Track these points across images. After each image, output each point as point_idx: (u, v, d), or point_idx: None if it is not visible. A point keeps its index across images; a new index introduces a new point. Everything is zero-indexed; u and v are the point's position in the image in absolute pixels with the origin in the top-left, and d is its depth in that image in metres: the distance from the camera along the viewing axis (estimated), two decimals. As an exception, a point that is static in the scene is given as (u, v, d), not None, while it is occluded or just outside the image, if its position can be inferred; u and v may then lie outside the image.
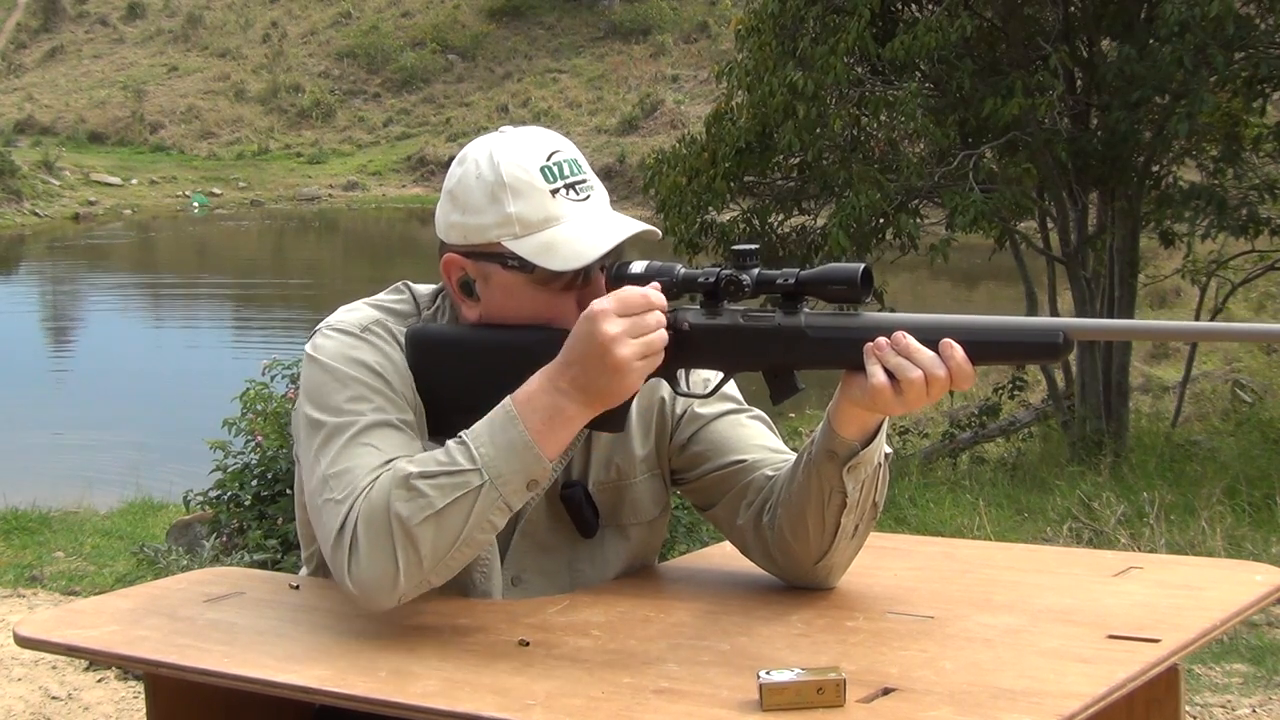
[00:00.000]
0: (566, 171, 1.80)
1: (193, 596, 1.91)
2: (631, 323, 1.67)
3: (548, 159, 1.80)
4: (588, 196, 1.81)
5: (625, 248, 1.79)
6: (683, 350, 1.74)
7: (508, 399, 1.71)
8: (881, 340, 1.63)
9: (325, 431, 1.76)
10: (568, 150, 1.82)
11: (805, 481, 1.77)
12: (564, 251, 1.76)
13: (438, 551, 1.66)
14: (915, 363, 1.62)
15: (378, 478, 1.69)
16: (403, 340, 1.84)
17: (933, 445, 9.43)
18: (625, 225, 1.79)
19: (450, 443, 1.70)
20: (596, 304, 1.67)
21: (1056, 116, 8.24)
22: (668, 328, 1.70)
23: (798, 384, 1.72)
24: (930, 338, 1.62)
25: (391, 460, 1.70)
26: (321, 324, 1.86)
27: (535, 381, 1.71)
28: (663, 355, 1.70)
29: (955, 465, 8.84)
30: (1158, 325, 1.81)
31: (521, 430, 1.68)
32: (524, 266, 1.78)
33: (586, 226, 1.78)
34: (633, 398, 1.74)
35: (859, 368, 1.65)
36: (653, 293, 1.69)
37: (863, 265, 1.64)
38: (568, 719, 1.45)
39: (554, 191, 1.78)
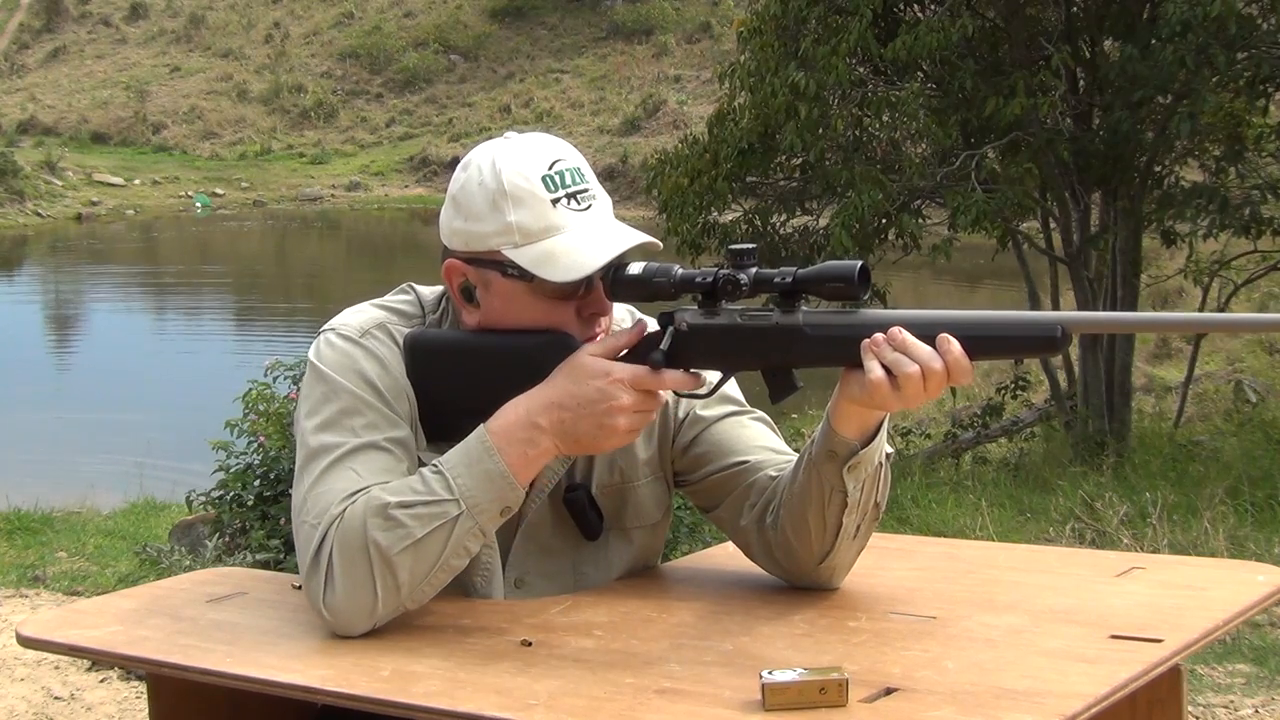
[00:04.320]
0: (568, 180, 1.80)
1: (195, 597, 1.92)
2: (641, 400, 1.72)
3: (549, 167, 1.79)
4: (589, 206, 1.80)
5: (625, 253, 1.79)
6: (681, 351, 1.74)
7: (482, 428, 1.74)
8: (878, 336, 1.63)
9: (311, 449, 1.77)
10: (571, 159, 1.82)
11: (806, 482, 1.77)
12: (563, 262, 1.76)
13: (415, 579, 1.69)
14: (912, 358, 1.62)
15: (347, 507, 1.70)
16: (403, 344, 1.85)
17: (935, 445, 9.43)
18: (625, 236, 1.79)
19: (425, 471, 1.72)
20: (619, 370, 1.72)
21: (1059, 116, 8.23)
22: (666, 328, 1.74)
23: (796, 382, 1.72)
24: (927, 333, 1.63)
25: (366, 488, 1.72)
26: (326, 326, 1.87)
27: (511, 412, 1.73)
28: (638, 435, 1.79)
29: (958, 465, 8.83)
30: (1153, 317, 1.82)
31: (499, 461, 1.71)
32: (523, 275, 1.78)
33: (586, 237, 1.77)
34: None
35: (857, 365, 1.65)
36: (673, 379, 1.74)
37: (859, 262, 1.64)
38: (570, 719, 1.45)
39: (555, 201, 1.78)
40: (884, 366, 1.63)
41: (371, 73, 35.70)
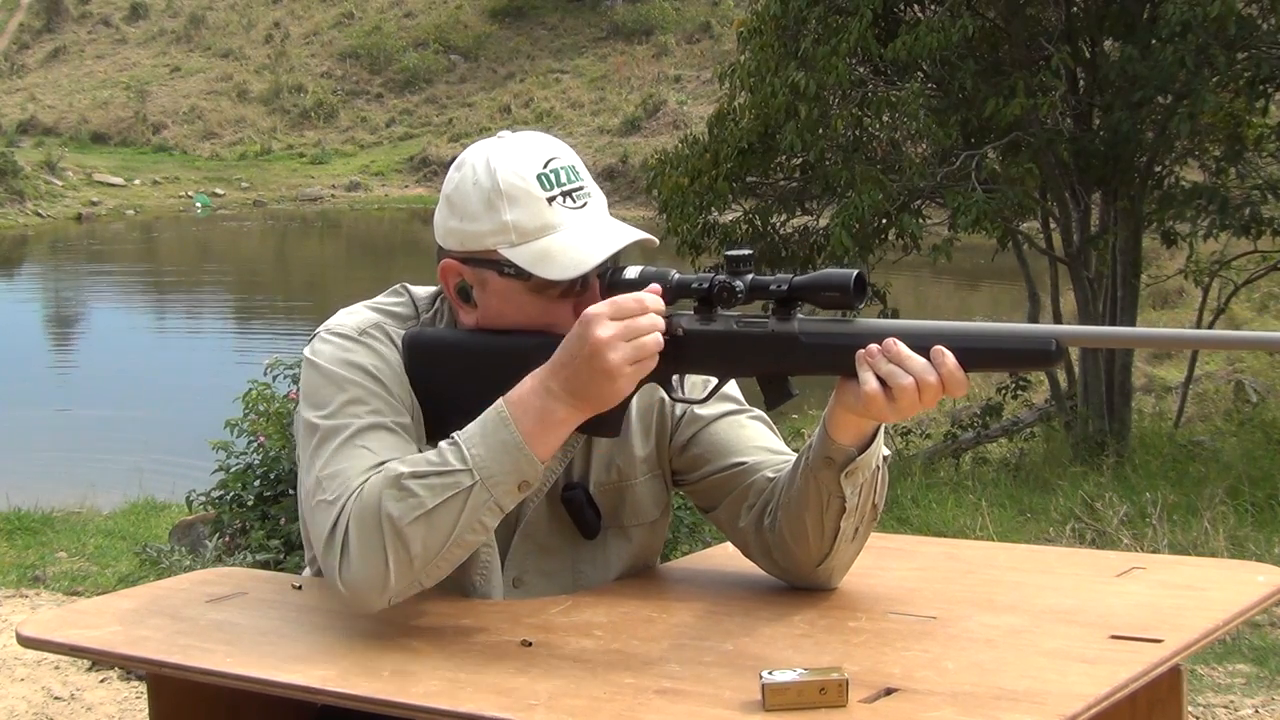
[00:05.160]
0: (564, 179, 1.80)
1: (195, 597, 1.91)
2: (625, 326, 1.67)
3: (545, 166, 1.79)
4: (585, 204, 1.80)
5: (622, 254, 1.79)
6: (676, 356, 1.74)
7: (500, 400, 1.71)
8: (873, 347, 1.63)
9: (320, 434, 1.76)
10: (565, 157, 1.82)
11: (804, 487, 1.77)
12: (560, 260, 1.76)
13: (428, 551, 1.67)
14: (907, 370, 1.62)
15: (369, 479, 1.69)
16: (400, 344, 1.84)
17: (935, 446, 9.42)
18: (622, 233, 1.79)
19: (442, 443, 1.71)
20: (591, 308, 1.68)
21: (1059, 117, 8.24)
22: (664, 332, 1.71)
23: (791, 390, 1.72)
24: (922, 344, 1.62)
25: (385, 461, 1.71)
26: (320, 327, 1.86)
27: (527, 383, 1.71)
28: (656, 359, 1.70)
29: (958, 466, 8.83)
30: (1152, 333, 1.81)
31: (514, 431, 1.68)
32: (520, 274, 1.78)
33: (583, 234, 1.77)
34: (628, 401, 1.75)
35: (853, 374, 1.65)
36: (649, 296, 1.70)
37: (855, 271, 1.64)
38: (570, 719, 1.45)
39: (551, 199, 1.78)
40: (879, 378, 1.63)
41: (371, 73, 35.68)
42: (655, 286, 1.71)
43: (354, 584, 1.67)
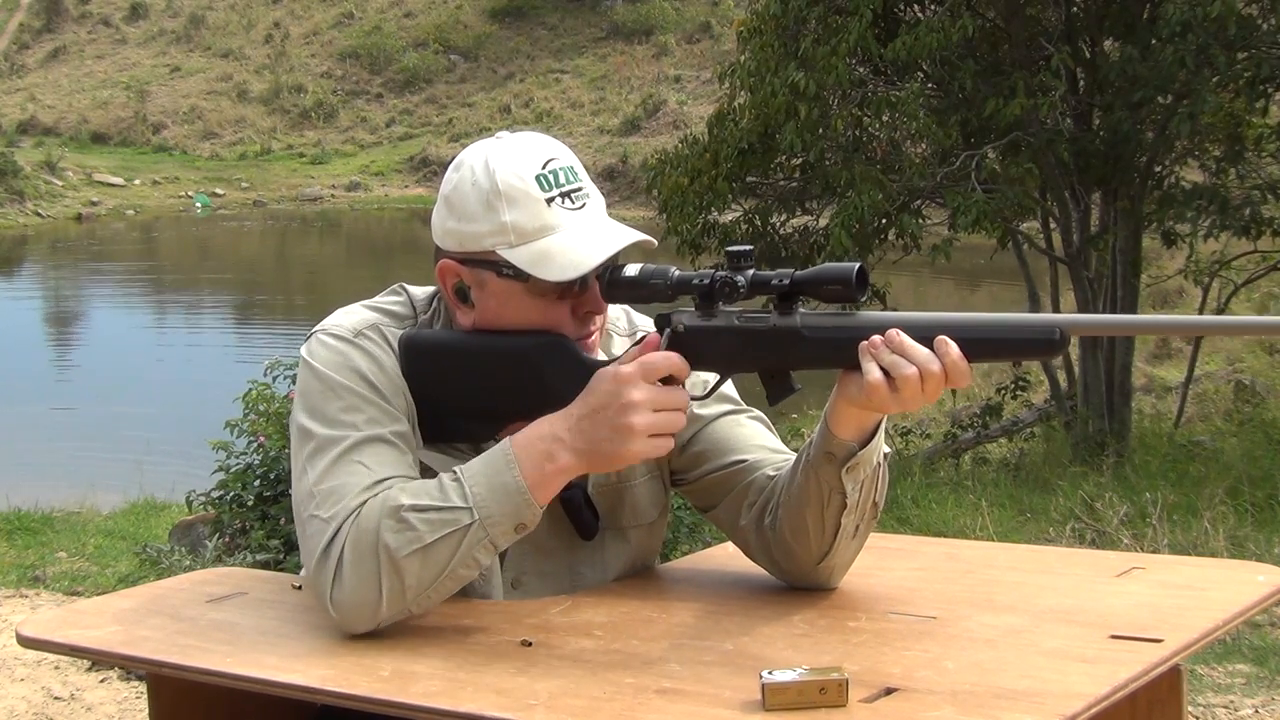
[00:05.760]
0: (562, 179, 1.79)
1: (195, 597, 1.91)
2: (657, 396, 1.69)
3: (543, 167, 1.79)
4: (583, 205, 1.80)
5: (621, 253, 1.79)
6: (678, 353, 1.74)
7: (507, 440, 1.72)
8: (876, 338, 1.63)
9: (315, 443, 1.76)
10: (564, 157, 1.81)
11: (804, 483, 1.77)
12: (559, 261, 1.75)
13: (421, 584, 1.68)
14: (910, 360, 1.61)
15: (366, 501, 1.69)
16: (397, 345, 1.84)
17: (935, 445, 9.42)
18: (621, 234, 1.79)
19: (444, 477, 1.71)
20: (625, 367, 1.69)
21: (1059, 117, 8.24)
22: (664, 335, 1.72)
23: (794, 385, 1.72)
24: (925, 335, 1.62)
25: (382, 480, 1.71)
26: (317, 328, 1.86)
27: (538, 426, 1.72)
28: (672, 442, 1.71)
29: (958, 465, 8.83)
30: (1152, 319, 1.80)
31: (516, 475, 1.69)
32: (519, 275, 1.77)
33: (582, 236, 1.77)
34: None
35: (855, 367, 1.65)
36: (675, 360, 1.70)
37: (857, 265, 1.63)
38: (570, 719, 1.45)
39: (549, 200, 1.78)
40: (882, 369, 1.63)
41: (371, 73, 35.71)
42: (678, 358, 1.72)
43: (345, 607, 1.68)
